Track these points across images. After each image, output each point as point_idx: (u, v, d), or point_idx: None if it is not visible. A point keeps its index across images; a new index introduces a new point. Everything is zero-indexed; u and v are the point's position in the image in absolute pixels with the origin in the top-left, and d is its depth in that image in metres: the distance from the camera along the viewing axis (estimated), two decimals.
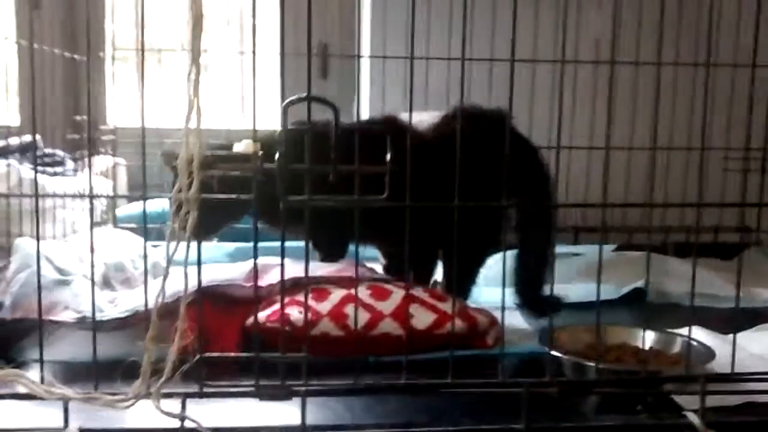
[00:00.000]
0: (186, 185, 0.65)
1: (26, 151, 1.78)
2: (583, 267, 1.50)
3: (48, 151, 1.78)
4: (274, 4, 2.04)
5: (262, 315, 0.99)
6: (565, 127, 1.60)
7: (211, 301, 1.03)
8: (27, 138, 1.77)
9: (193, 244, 0.67)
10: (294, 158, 0.68)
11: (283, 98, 0.68)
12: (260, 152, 0.67)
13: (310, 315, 0.98)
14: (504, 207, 1.07)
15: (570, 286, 1.39)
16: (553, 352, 0.95)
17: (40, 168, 1.70)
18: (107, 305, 1.10)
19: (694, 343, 1.01)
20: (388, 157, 0.69)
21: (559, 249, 1.58)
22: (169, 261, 0.66)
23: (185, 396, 0.69)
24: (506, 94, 0.74)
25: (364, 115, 1.92)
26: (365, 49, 1.91)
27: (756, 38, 0.81)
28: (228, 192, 0.70)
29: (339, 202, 0.69)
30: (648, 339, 1.06)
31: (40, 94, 1.72)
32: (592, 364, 0.90)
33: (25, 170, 1.63)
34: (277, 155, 0.67)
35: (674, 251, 1.65)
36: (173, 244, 0.66)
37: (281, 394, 0.71)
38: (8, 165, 1.66)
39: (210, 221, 1.10)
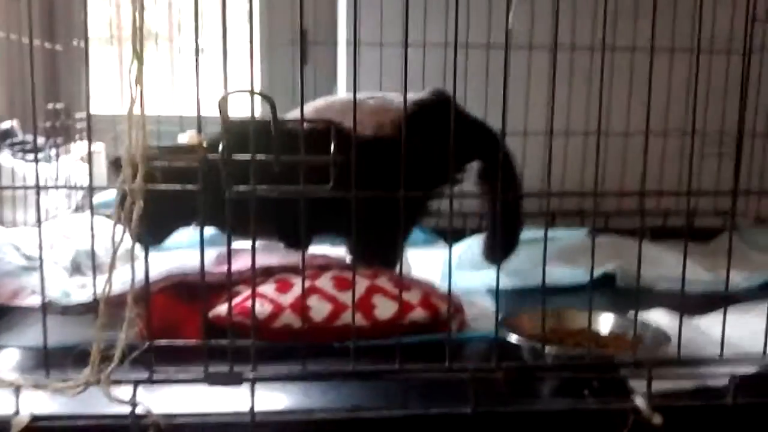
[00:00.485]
0: (130, 177, 0.66)
1: (4, 138, 1.79)
2: (554, 251, 1.51)
3: (27, 137, 1.79)
4: None
5: (222, 308, 1.00)
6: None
7: (176, 290, 1.05)
8: (5, 125, 1.78)
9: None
10: (240, 151, 0.69)
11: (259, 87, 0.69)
12: (204, 143, 0.68)
13: (272, 307, 1.00)
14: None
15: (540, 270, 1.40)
16: (506, 337, 0.97)
17: (18, 154, 1.71)
18: (77, 290, 1.11)
19: (653, 327, 1.03)
20: (332, 147, 0.70)
21: (533, 234, 1.58)
22: (115, 252, 0.67)
23: (135, 382, 0.71)
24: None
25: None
26: (343, 35, 1.91)
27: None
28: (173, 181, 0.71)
29: (284, 192, 0.70)
30: (608, 323, 1.07)
31: (19, 82, 1.73)
32: (543, 347, 0.91)
33: (2, 157, 1.64)
34: (220, 146, 0.68)
35: (650, 235, 1.66)
36: (118, 234, 0.67)
37: (230, 381, 0.72)
38: None
39: (158, 224, 1.12)
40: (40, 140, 1.70)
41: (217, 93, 0.70)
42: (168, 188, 0.70)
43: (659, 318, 1.14)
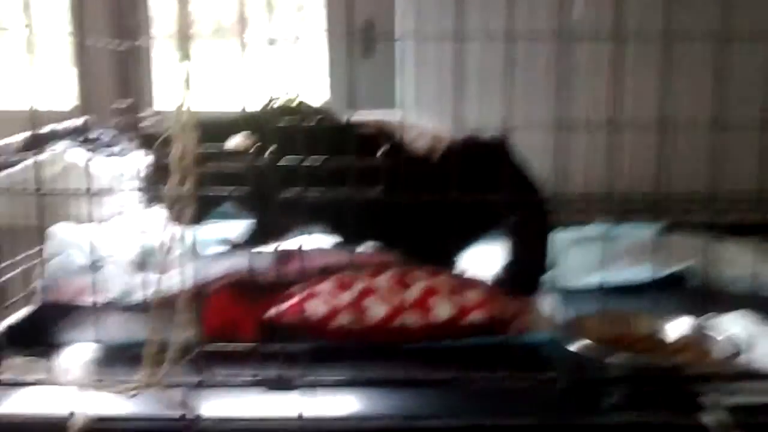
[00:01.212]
0: (178, 182, 0.66)
1: (79, 134, 1.84)
2: (622, 249, 1.45)
3: (100, 132, 1.84)
4: None
5: (279, 308, 1.00)
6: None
7: (235, 288, 1.05)
8: (79, 121, 1.83)
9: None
10: (286, 149, 0.68)
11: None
12: (252, 148, 0.68)
13: (328, 308, 0.99)
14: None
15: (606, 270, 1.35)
16: (569, 343, 0.93)
17: (90, 149, 1.76)
18: (138, 288, 1.13)
19: (726, 335, 0.97)
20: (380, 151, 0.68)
21: (598, 230, 1.52)
22: (165, 256, 0.67)
23: (186, 386, 0.71)
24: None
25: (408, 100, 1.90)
26: (409, 28, 1.88)
27: None
28: (220, 184, 0.70)
29: (332, 196, 0.69)
30: (678, 329, 1.02)
31: (91, 80, 1.78)
32: (614, 358, 0.87)
33: (76, 153, 1.68)
34: (268, 151, 0.67)
35: (727, 232, 1.57)
36: (169, 238, 0.67)
37: (280, 385, 0.71)
38: (53, 150, 1.72)
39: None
40: (113, 135, 1.74)
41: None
42: (217, 193, 0.70)
43: (733, 323, 1.08)
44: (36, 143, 1.68)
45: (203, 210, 1.17)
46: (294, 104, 0.70)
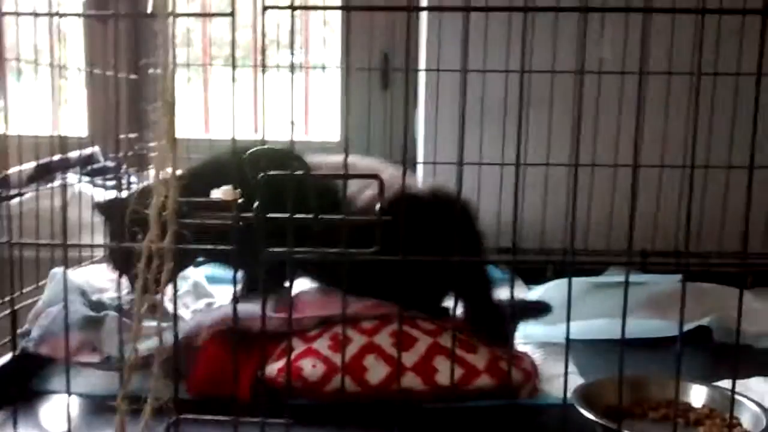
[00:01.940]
0: (157, 237, 0.61)
1: (87, 164, 1.82)
2: (644, 298, 1.38)
3: (109, 164, 1.81)
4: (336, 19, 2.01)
5: (274, 366, 0.95)
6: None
7: (226, 340, 1.00)
8: (88, 151, 1.81)
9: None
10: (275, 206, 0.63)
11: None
12: (240, 200, 0.63)
13: (325, 368, 0.93)
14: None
15: (628, 320, 1.28)
16: (584, 408, 0.87)
17: (98, 181, 1.73)
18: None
19: (754, 407, 0.89)
20: (378, 207, 0.62)
21: (620, 278, 1.45)
22: (139, 315, 0.62)
23: None
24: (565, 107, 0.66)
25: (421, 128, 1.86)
26: (424, 61, 1.85)
27: None
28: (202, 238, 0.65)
29: (324, 256, 0.63)
30: (701, 395, 0.95)
31: (103, 111, 1.75)
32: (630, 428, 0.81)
33: (83, 184, 1.66)
34: (255, 204, 0.62)
35: (755, 282, 1.50)
36: (143, 297, 0.62)
37: None
38: (65, 179, 1.69)
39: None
40: (122, 166, 1.71)
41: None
42: (200, 248, 0.65)
43: (760, 387, 1.00)
44: (45, 172, 1.67)
45: (181, 263, 1.15)
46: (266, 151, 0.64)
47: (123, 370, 0.93)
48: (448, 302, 1.15)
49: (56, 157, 1.69)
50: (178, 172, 0.62)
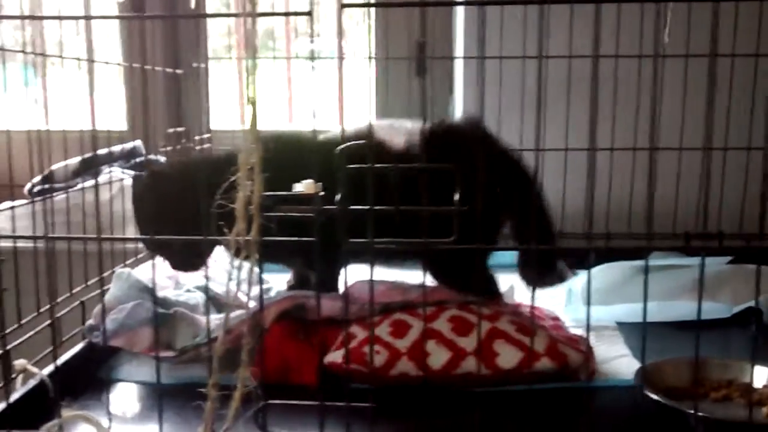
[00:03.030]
0: (244, 230, 0.63)
1: (130, 158, 1.85)
2: (691, 281, 1.38)
3: (151, 157, 1.84)
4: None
5: (338, 353, 0.97)
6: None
7: (292, 325, 1.02)
8: (130, 145, 1.84)
9: None
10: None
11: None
12: (321, 193, 0.64)
13: (388, 354, 0.95)
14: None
15: (674, 302, 1.29)
16: (648, 392, 0.88)
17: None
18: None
19: None
20: (457, 196, 0.64)
21: (665, 261, 1.46)
22: (230, 306, 0.64)
23: None
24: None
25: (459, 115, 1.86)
26: (461, 48, 1.85)
27: None
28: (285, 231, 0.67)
29: (403, 245, 0.65)
30: (763, 375, 0.95)
31: (144, 104, 1.78)
32: (689, 411, 0.82)
33: (128, 178, 1.69)
34: (337, 197, 0.64)
35: None
36: (233, 288, 0.64)
37: None
38: (110, 172, 1.73)
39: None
40: (163, 160, 1.73)
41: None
42: (283, 240, 0.66)
43: None
44: (91, 166, 1.70)
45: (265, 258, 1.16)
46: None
47: (203, 359, 0.96)
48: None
49: (101, 152, 1.73)
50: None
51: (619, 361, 1.08)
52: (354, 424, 0.69)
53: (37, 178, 1.70)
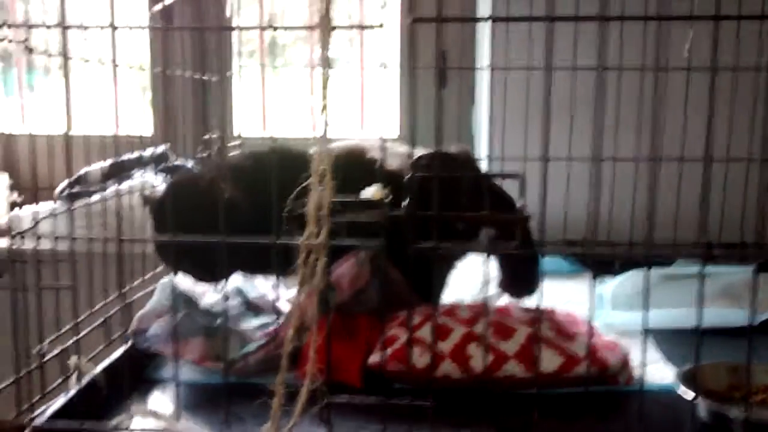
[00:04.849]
0: (314, 233, 0.65)
1: (159, 162, 1.87)
2: (718, 289, 1.41)
3: (178, 163, 1.86)
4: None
5: (382, 355, 0.99)
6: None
7: (336, 329, 1.04)
8: (159, 149, 1.86)
9: None
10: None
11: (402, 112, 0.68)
12: (388, 198, 0.67)
13: (431, 356, 0.97)
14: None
15: (705, 309, 1.31)
16: (690, 394, 0.90)
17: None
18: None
19: None
20: (519, 204, 0.66)
21: (690, 269, 1.48)
22: (296, 308, 0.67)
23: None
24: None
25: (484, 128, 1.89)
26: (485, 59, 1.88)
27: None
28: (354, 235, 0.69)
29: (468, 249, 0.67)
30: None
31: (171, 109, 1.81)
32: (734, 411, 0.84)
33: (158, 181, 1.71)
34: (405, 202, 0.66)
35: None
36: (303, 291, 0.66)
37: None
38: (142, 176, 1.75)
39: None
40: (191, 165, 1.76)
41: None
42: (350, 243, 0.69)
43: None
44: (120, 170, 1.72)
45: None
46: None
47: (252, 369, 0.98)
48: None
49: (130, 156, 1.76)
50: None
51: (652, 366, 1.10)
52: (414, 423, 0.71)
53: (66, 182, 1.73)
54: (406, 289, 1.04)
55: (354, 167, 0.71)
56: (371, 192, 0.67)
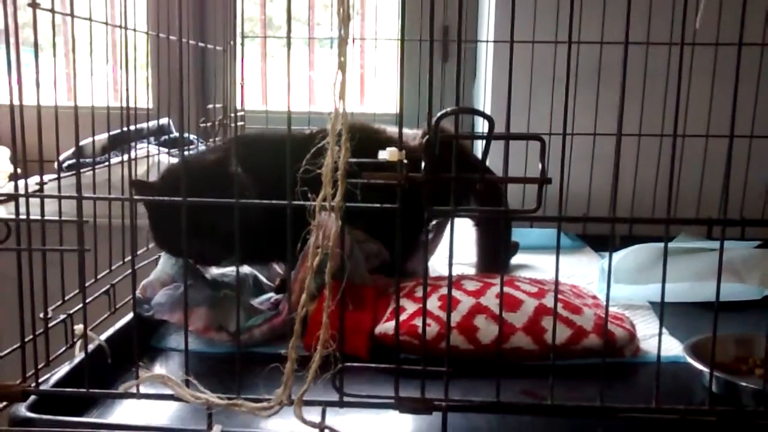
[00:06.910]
0: (330, 195, 0.64)
1: (160, 135, 1.85)
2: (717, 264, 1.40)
3: (179, 134, 1.84)
4: None
5: (389, 325, 0.99)
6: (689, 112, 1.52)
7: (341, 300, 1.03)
8: (160, 121, 1.84)
9: None
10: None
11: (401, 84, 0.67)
12: (405, 161, 0.66)
13: (438, 327, 0.97)
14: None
15: (706, 283, 1.31)
16: (700, 366, 0.90)
17: (172, 151, 1.77)
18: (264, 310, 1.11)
19: None
20: (540, 167, 0.65)
21: (693, 243, 1.48)
22: (312, 272, 0.66)
23: (325, 405, 0.69)
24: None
25: (487, 100, 1.87)
26: (486, 32, 1.86)
27: None
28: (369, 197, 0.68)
29: (485, 213, 0.66)
30: None
31: (171, 80, 1.78)
32: (745, 384, 0.84)
33: (161, 154, 1.69)
34: (423, 164, 0.65)
35: None
36: (317, 255, 0.65)
37: (421, 408, 0.69)
38: (143, 148, 1.73)
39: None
40: (193, 137, 1.74)
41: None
42: (367, 207, 0.68)
43: None
44: (120, 143, 1.70)
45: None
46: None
47: (257, 340, 0.97)
48: None
49: (130, 128, 1.73)
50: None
51: (655, 338, 1.10)
52: (428, 388, 0.70)
53: (67, 153, 1.71)
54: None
55: (367, 138, 0.69)
56: (388, 153, 0.65)
